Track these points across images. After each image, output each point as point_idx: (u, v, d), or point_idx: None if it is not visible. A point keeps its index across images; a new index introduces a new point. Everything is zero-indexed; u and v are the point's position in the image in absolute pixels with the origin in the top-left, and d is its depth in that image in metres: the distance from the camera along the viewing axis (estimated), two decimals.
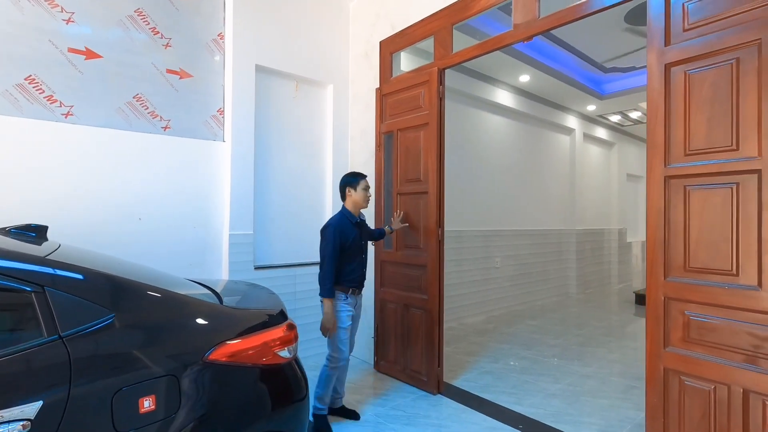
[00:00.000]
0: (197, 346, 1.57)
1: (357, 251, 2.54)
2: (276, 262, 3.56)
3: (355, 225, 2.54)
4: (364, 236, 2.69)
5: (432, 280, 3.08)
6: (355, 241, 2.51)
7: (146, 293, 1.60)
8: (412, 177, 3.26)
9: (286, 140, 3.69)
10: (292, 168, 3.70)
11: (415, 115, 3.23)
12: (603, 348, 4.23)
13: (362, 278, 2.61)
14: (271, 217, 3.56)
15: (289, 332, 1.85)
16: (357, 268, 2.54)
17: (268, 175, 3.58)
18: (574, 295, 6.95)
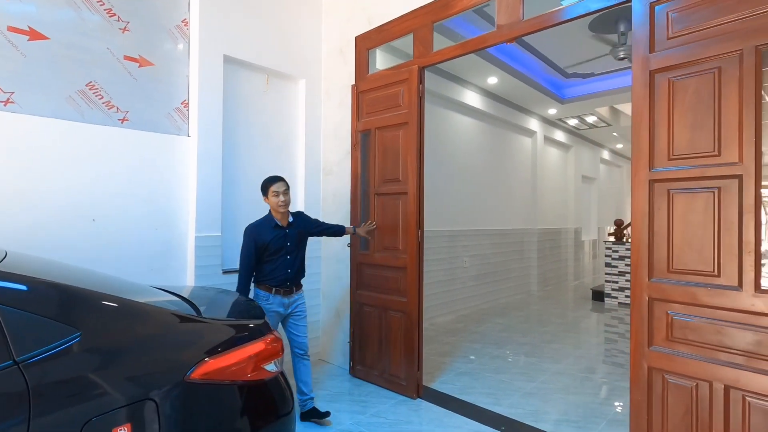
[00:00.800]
0: (178, 365, 1.41)
1: (277, 252, 2.60)
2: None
3: (275, 227, 2.60)
4: (296, 236, 2.69)
5: (411, 282, 3.03)
6: (274, 243, 2.58)
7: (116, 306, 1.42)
8: (390, 177, 3.18)
9: (256, 137, 3.50)
10: (263, 166, 3.51)
11: (393, 114, 3.15)
12: (568, 344, 4.37)
13: (287, 280, 2.64)
14: (241, 218, 3.35)
15: (275, 344, 1.72)
16: (278, 268, 2.61)
17: (237, 173, 3.37)
18: (535, 293, 7.18)
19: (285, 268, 2.64)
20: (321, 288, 3.80)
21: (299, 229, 2.73)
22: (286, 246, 2.64)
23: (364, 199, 3.41)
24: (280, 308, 2.64)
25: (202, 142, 3.05)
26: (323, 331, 3.78)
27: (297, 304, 2.74)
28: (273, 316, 2.62)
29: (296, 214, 2.79)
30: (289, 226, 2.67)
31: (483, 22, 3.85)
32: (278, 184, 2.59)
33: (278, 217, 2.63)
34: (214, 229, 3.11)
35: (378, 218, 3.27)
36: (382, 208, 3.24)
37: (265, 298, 2.62)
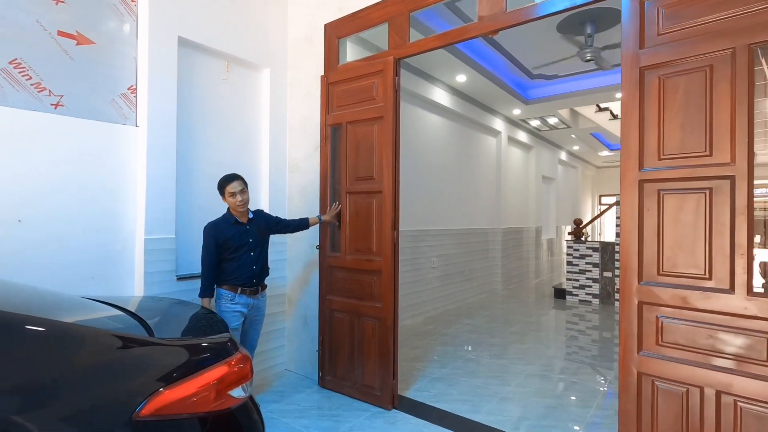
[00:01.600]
0: (124, 400, 1.16)
1: (239, 249, 2.57)
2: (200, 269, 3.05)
3: (235, 224, 2.59)
4: (257, 232, 2.67)
5: (387, 287, 2.85)
6: (235, 239, 2.56)
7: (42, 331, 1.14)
8: (363, 175, 2.99)
9: (215, 129, 3.19)
10: (223, 161, 3.21)
11: (367, 108, 2.96)
12: (537, 344, 4.38)
13: (253, 277, 2.63)
14: (198, 218, 3.04)
15: (243, 365, 1.49)
16: (242, 266, 2.58)
17: (194, 168, 3.05)
18: (499, 292, 7.24)
19: (249, 266, 2.60)
20: (286, 293, 3.54)
21: (259, 226, 2.71)
22: (248, 242, 2.61)
23: (335, 198, 3.20)
24: (244, 309, 2.61)
25: (152, 132, 2.72)
26: (289, 339, 3.53)
27: (261, 306, 2.74)
28: (237, 317, 2.57)
29: (256, 212, 2.78)
30: (249, 223, 2.66)
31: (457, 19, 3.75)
32: (234, 183, 2.55)
33: (237, 215, 2.62)
34: (167, 231, 2.78)
35: (350, 218, 3.07)
36: (354, 207, 3.05)
37: (230, 297, 2.57)
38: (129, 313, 1.61)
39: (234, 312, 2.57)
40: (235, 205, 2.55)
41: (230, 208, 2.61)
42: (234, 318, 2.56)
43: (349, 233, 3.07)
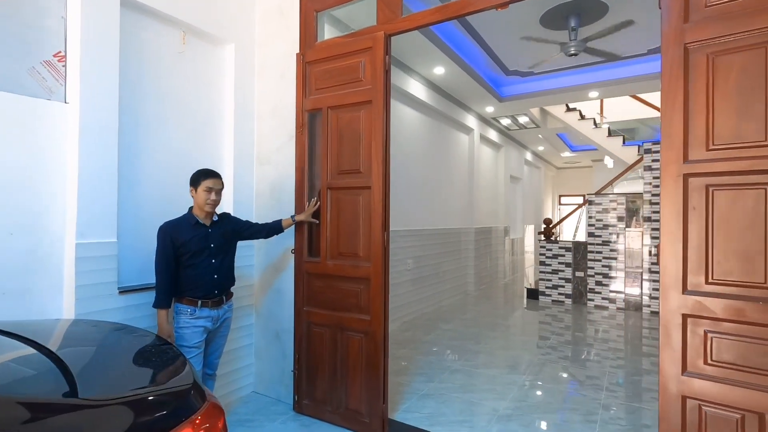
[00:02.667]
0: None
1: (198, 254, 2.22)
2: (150, 279, 2.53)
3: (195, 225, 2.24)
4: (220, 237, 2.32)
5: (376, 297, 2.48)
6: (194, 243, 2.21)
7: None
8: (348, 168, 2.60)
9: (169, 112, 2.67)
10: (178, 150, 2.70)
11: (352, 91, 2.57)
12: (524, 350, 4.17)
13: (215, 287, 2.28)
14: (148, 219, 2.52)
15: (215, 421, 1.08)
16: (202, 274, 2.23)
17: (142, 157, 2.52)
18: (472, 293, 7.05)
19: (210, 273, 2.26)
20: (254, 304, 3.07)
21: (225, 229, 2.37)
22: (209, 247, 2.27)
23: (313, 195, 2.78)
24: (208, 323, 2.26)
25: (86, 111, 2.18)
26: (258, 356, 3.06)
27: (226, 317, 2.39)
28: (199, 332, 2.23)
29: (222, 215, 2.43)
30: (212, 226, 2.31)
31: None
32: (215, 180, 2.26)
33: (201, 216, 2.27)
34: (106, 233, 2.25)
35: (331, 218, 2.66)
36: (336, 205, 2.64)
37: (190, 312, 2.22)
38: (45, 351, 1.14)
39: (196, 327, 2.22)
40: (205, 202, 2.21)
41: (195, 207, 2.27)
42: (195, 334, 2.22)
43: (331, 235, 2.66)
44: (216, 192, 2.24)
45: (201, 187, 2.20)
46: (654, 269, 5.79)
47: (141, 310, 2.38)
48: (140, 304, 2.38)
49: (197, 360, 2.24)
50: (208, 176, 2.23)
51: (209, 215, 2.28)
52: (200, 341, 2.23)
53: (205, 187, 2.20)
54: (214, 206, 2.25)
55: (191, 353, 2.20)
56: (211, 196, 2.21)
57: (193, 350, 2.21)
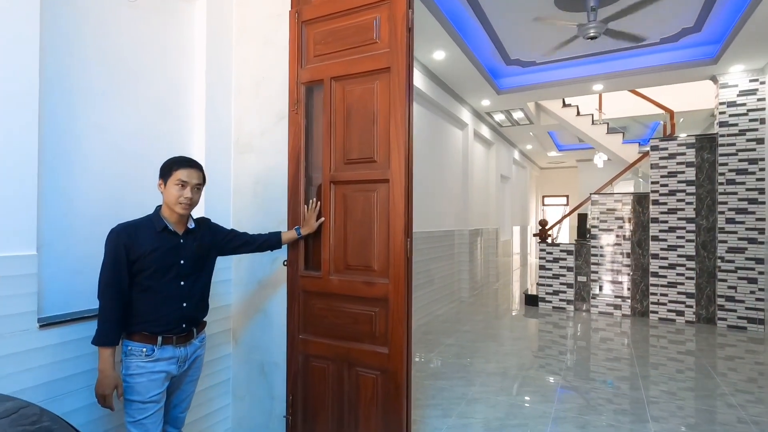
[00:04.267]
0: None
1: (161, 274, 1.61)
2: (88, 305, 1.87)
3: (163, 231, 1.63)
4: (195, 251, 1.70)
5: (396, 323, 1.90)
6: (157, 257, 1.60)
7: None
8: (358, 156, 2.01)
9: (119, 82, 2.00)
10: (130, 134, 2.04)
11: (364, 56, 1.99)
12: (542, 371, 3.68)
13: (183, 319, 1.65)
14: (82, 223, 1.85)
15: None
16: (165, 301, 1.62)
17: (78, 143, 1.85)
18: (467, 300, 6.57)
19: (177, 300, 1.64)
20: (232, 329, 2.43)
21: (202, 241, 1.75)
22: (178, 264, 1.65)
23: (311, 192, 2.18)
24: (171, 366, 1.64)
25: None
26: (237, 397, 2.42)
27: (197, 355, 1.76)
28: (158, 381, 1.60)
29: (200, 220, 1.82)
30: (186, 235, 1.70)
31: None
32: (190, 171, 1.64)
33: (172, 219, 1.66)
34: (21, 245, 1.58)
35: (336, 221, 2.07)
36: (343, 204, 2.05)
37: (146, 353, 1.59)
38: None
39: (153, 374, 1.59)
40: (177, 200, 1.61)
41: (165, 204, 1.66)
42: (153, 384, 1.59)
43: (335, 243, 2.07)
44: (192, 188, 1.64)
45: (171, 180, 1.61)
46: (662, 273, 5.46)
47: (72, 349, 1.71)
48: (71, 342, 1.71)
49: (155, 420, 1.61)
50: (182, 165, 1.64)
51: (182, 219, 1.68)
52: (159, 393, 1.61)
53: (177, 180, 1.61)
54: (189, 207, 1.65)
55: (146, 411, 1.59)
56: (184, 192, 1.62)
57: (150, 407, 1.59)
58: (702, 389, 3.28)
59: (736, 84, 5.04)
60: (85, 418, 1.75)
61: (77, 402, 1.72)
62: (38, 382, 1.61)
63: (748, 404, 2.98)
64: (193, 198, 1.64)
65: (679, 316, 5.36)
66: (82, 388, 1.74)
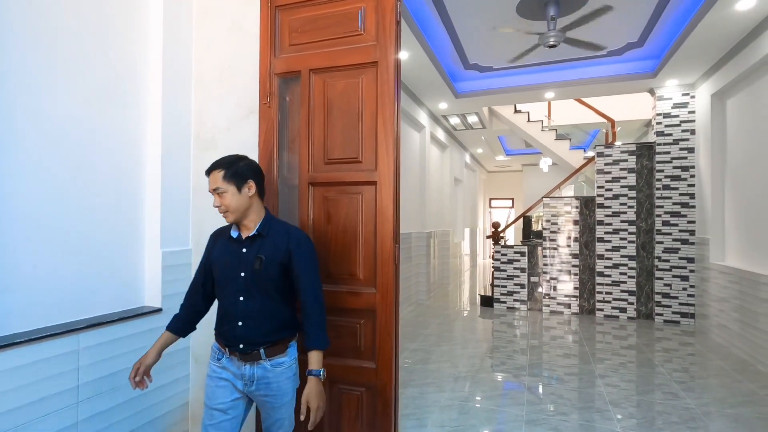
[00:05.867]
0: None
1: (225, 287, 1.49)
2: (24, 326, 1.56)
3: (231, 241, 1.51)
4: (254, 262, 1.46)
5: (384, 336, 1.78)
6: (222, 269, 1.50)
7: None
8: (341, 156, 1.86)
9: (57, 67, 1.69)
10: (70, 127, 1.73)
11: (348, 48, 1.85)
12: (508, 372, 3.72)
13: (236, 337, 1.46)
14: (12, 231, 1.54)
15: None
16: (225, 313, 1.49)
17: (3, 135, 1.53)
18: (425, 303, 6.57)
19: (233, 319, 1.47)
20: (191, 346, 2.17)
21: (266, 253, 1.47)
22: (238, 277, 1.46)
23: (288, 194, 1.99)
24: (236, 380, 1.48)
25: None
26: (197, 421, 2.16)
27: (268, 380, 1.47)
28: (223, 388, 1.48)
29: (278, 225, 1.54)
30: (249, 242, 1.49)
31: None
32: (209, 178, 1.48)
33: (239, 225, 1.52)
34: None
35: (315, 225, 1.90)
36: (323, 208, 1.89)
37: (217, 357, 1.52)
38: None
39: (221, 381, 1.49)
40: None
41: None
42: (220, 392, 1.47)
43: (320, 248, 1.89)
44: (215, 194, 1.45)
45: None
46: (606, 273, 5.79)
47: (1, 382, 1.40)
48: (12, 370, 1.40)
49: (220, 430, 1.45)
50: (210, 170, 1.48)
51: (243, 225, 1.50)
52: (226, 402, 1.47)
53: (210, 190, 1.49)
54: (226, 213, 1.46)
55: (212, 418, 1.46)
56: (214, 201, 1.47)
57: (216, 414, 1.46)
58: (643, 380, 3.48)
59: (671, 97, 5.47)
60: None
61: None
62: None
63: (684, 392, 3.20)
64: (223, 203, 1.44)
65: (622, 312, 5.72)
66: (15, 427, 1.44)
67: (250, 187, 1.46)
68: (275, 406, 1.48)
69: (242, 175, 1.44)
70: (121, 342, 1.81)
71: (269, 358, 1.46)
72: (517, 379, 3.52)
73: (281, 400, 1.48)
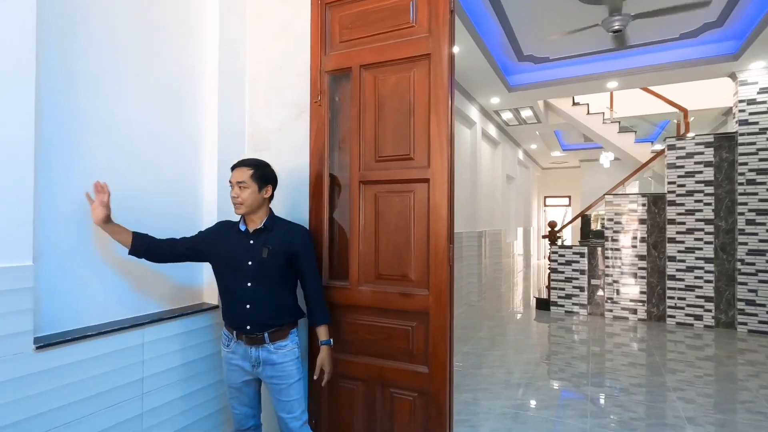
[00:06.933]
0: None
1: (233, 274, 1.66)
2: (94, 321, 1.65)
3: (238, 233, 1.69)
4: (261, 253, 1.64)
5: (438, 340, 1.70)
6: (226, 252, 1.67)
7: None
8: (392, 153, 1.81)
9: (118, 69, 1.78)
10: (130, 127, 1.82)
11: (399, 41, 1.79)
12: (568, 381, 3.50)
13: (246, 320, 1.64)
14: (84, 231, 1.63)
15: None
16: (231, 297, 1.67)
17: (75, 139, 1.62)
18: (477, 305, 6.39)
19: (240, 298, 1.64)
20: None
21: (273, 244, 1.65)
22: (246, 265, 1.64)
23: (336, 194, 1.98)
24: (244, 362, 1.69)
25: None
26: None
27: (272, 361, 1.65)
28: (236, 372, 1.71)
29: (283, 222, 1.74)
30: (257, 236, 1.67)
31: None
32: (235, 171, 1.67)
33: (246, 219, 1.70)
34: (15, 254, 1.36)
35: (366, 225, 1.87)
36: (374, 206, 1.85)
37: (226, 341, 1.73)
38: None
39: (231, 365, 1.71)
40: (232, 200, 1.67)
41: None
42: (233, 374, 1.71)
43: (364, 249, 1.86)
44: (237, 186, 1.63)
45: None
46: (679, 276, 5.30)
47: (74, 373, 1.49)
48: (72, 365, 1.49)
49: (237, 405, 1.74)
50: (233, 167, 1.69)
51: (250, 219, 1.68)
52: (238, 383, 1.71)
53: (229, 182, 1.68)
54: (240, 205, 1.64)
55: (230, 394, 1.76)
56: (232, 192, 1.65)
57: (232, 392, 1.75)
58: (724, 397, 3.12)
59: (756, 81, 4.89)
60: None
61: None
62: (35, 412, 1.39)
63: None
64: (240, 196, 1.62)
65: (697, 320, 5.21)
66: (85, 416, 1.52)
67: (267, 191, 1.67)
68: (282, 388, 1.65)
69: (266, 180, 1.66)
70: (180, 337, 1.88)
71: (272, 342, 1.64)
72: (577, 388, 3.29)
73: (287, 380, 1.65)
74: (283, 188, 2.12)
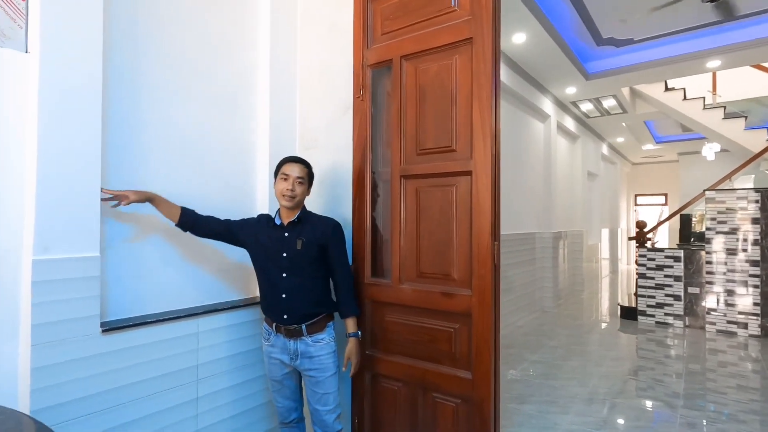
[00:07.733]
0: None
1: (264, 261, 1.73)
2: (154, 309, 1.79)
3: (271, 227, 1.76)
4: (296, 245, 1.69)
5: (482, 343, 1.58)
6: (261, 245, 1.74)
7: None
8: (433, 145, 1.73)
9: (181, 77, 1.92)
10: (189, 131, 1.95)
11: (440, 27, 1.70)
12: (652, 399, 3.09)
13: (284, 309, 1.69)
14: (146, 226, 1.78)
15: None
16: (268, 288, 1.74)
17: (139, 141, 1.78)
18: (551, 310, 5.95)
19: (277, 288, 1.70)
20: None
21: (306, 236, 1.71)
22: (280, 257, 1.70)
23: (378, 189, 1.94)
24: (283, 355, 1.74)
25: (55, 66, 1.45)
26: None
27: (310, 354, 1.70)
28: (276, 365, 1.77)
29: (314, 217, 1.80)
30: (291, 229, 1.72)
31: None
32: (292, 165, 1.73)
33: (282, 214, 1.76)
34: (83, 245, 1.51)
35: (407, 221, 1.80)
36: (415, 201, 1.78)
37: (266, 335, 1.80)
38: None
39: (271, 359, 1.77)
40: (281, 193, 1.70)
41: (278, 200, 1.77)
42: (273, 368, 1.78)
43: (406, 246, 1.80)
44: (294, 180, 1.69)
45: (279, 176, 1.73)
46: None
47: (135, 356, 1.63)
48: (134, 348, 1.63)
49: (279, 398, 1.81)
50: (287, 161, 1.75)
51: (288, 210, 1.73)
52: (279, 376, 1.77)
53: (282, 174, 1.72)
54: (292, 199, 1.69)
55: (272, 387, 1.84)
56: (286, 184, 1.68)
57: (274, 385, 1.82)
58: None
59: None
60: (149, 429, 1.66)
61: (141, 411, 1.64)
62: (101, 389, 1.54)
63: None
64: (295, 190, 1.68)
65: None
66: (145, 396, 1.65)
67: (310, 189, 1.77)
68: (319, 380, 1.68)
69: (312, 180, 1.77)
70: (232, 328, 1.97)
71: (310, 335, 1.68)
72: (671, 410, 2.89)
73: (324, 373, 1.68)
74: (332, 185, 2.14)
